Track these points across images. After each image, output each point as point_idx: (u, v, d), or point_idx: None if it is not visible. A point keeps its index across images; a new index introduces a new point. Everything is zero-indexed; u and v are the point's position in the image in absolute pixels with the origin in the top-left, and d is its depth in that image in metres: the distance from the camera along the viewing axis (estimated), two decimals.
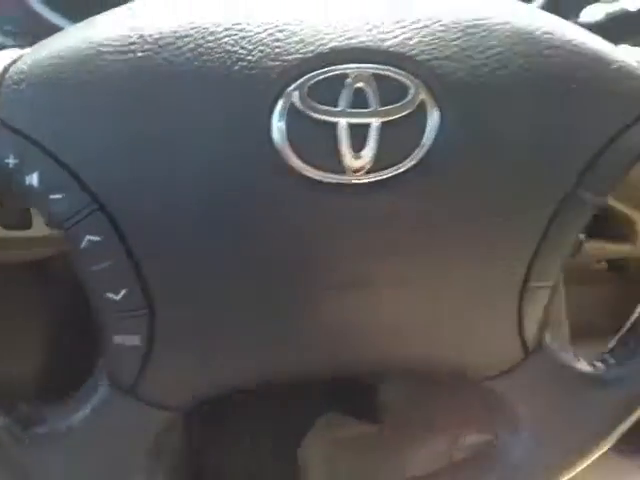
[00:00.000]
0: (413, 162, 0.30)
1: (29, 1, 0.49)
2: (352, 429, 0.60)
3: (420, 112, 0.30)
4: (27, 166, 0.30)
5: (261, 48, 0.30)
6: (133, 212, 0.30)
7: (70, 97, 0.30)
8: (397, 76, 0.30)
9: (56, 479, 0.34)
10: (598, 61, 0.33)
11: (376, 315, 0.33)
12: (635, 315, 0.39)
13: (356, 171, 0.30)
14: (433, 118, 0.30)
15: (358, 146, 0.30)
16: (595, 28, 0.44)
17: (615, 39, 0.44)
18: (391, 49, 0.30)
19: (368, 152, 0.30)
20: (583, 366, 0.37)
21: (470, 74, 0.31)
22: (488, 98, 0.31)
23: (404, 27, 0.30)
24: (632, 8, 0.42)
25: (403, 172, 0.30)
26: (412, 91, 0.30)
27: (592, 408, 0.37)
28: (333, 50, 0.30)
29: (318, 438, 0.83)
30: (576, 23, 0.44)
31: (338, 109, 0.30)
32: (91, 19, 0.32)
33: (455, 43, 0.31)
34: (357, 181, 0.30)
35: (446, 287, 0.33)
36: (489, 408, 0.37)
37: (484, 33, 0.31)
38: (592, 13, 0.43)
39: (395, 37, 0.30)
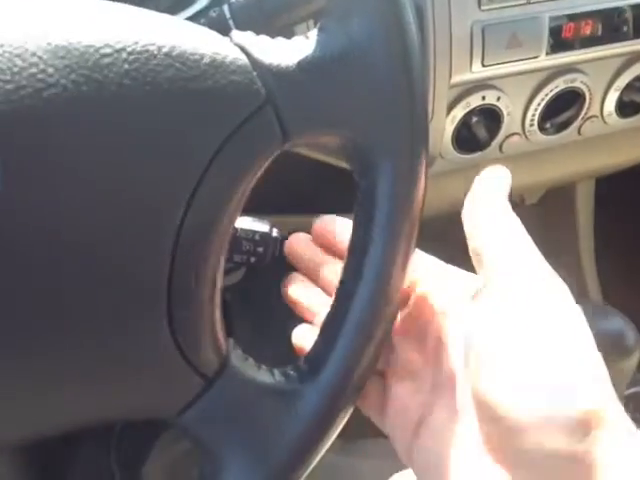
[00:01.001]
0: None
1: None
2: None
3: None
4: None
5: None
6: None
7: None
8: None
9: None
10: (183, 58, 0.30)
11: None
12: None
13: None
14: None
15: None
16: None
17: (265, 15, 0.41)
18: None
19: None
20: (272, 379, 0.35)
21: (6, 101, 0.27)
22: (46, 124, 0.28)
23: None
24: None
25: None
26: None
27: (288, 421, 0.34)
28: None
29: (159, 455, 0.83)
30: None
31: None
32: None
33: None
34: None
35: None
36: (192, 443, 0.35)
37: (17, 50, 0.28)
38: None
39: None
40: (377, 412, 0.39)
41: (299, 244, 0.42)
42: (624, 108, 0.70)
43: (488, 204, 0.34)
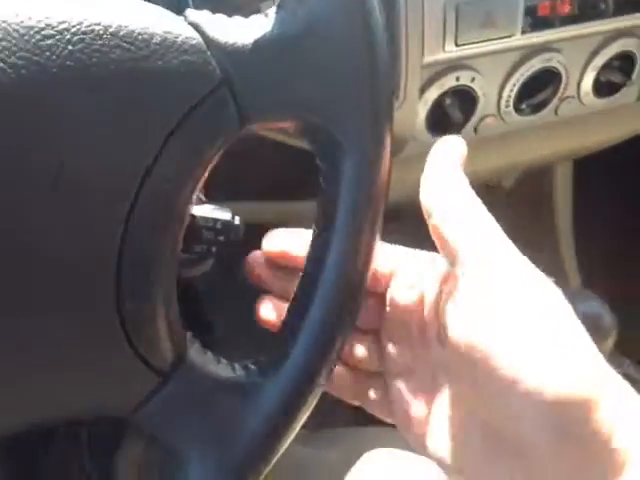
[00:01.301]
0: None
1: None
2: None
3: None
4: None
5: None
6: None
7: None
8: None
9: None
10: (132, 38, 0.29)
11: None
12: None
13: None
14: None
15: None
16: None
17: None
18: None
19: None
20: (232, 373, 0.34)
21: None
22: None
23: None
24: None
25: None
26: None
27: (248, 415, 0.33)
28: None
29: (130, 451, 0.83)
30: None
31: None
32: None
33: None
34: None
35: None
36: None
37: None
38: None
39: None
40: (384, 412, 0.39)
41: (258, 268, 0.40)
42: (601, 88, 0.69)
43: (442, 176, 0.34)
